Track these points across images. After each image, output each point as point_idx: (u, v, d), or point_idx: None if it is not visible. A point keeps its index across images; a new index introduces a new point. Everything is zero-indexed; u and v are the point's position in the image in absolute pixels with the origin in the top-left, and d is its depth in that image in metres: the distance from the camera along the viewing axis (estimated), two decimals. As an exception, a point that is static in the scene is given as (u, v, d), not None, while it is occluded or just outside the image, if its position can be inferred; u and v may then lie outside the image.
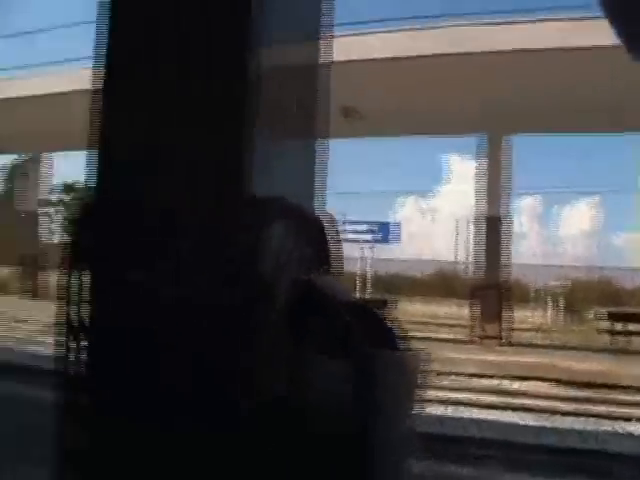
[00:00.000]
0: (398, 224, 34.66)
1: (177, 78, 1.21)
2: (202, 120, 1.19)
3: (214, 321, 1.15)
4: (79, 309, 1.30)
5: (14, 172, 26.36)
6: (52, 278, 23.71)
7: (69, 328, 1.33)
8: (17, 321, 15.17)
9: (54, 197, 40.57)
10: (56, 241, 35.57)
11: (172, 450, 1.20)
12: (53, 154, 24.29)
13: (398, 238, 33.43)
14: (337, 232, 1.28)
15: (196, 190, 1.18)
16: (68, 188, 44.31)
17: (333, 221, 1.29)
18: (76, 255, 1.35)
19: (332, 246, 1.27)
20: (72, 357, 1.33)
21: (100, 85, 1.28)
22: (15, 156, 25.18)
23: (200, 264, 1.17)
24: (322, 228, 1.26)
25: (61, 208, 43.06)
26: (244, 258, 1.14)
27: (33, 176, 23.71)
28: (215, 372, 1.17)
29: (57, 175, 36.25)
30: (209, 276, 1.15)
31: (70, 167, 58.11)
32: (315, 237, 1.25)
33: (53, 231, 37.54)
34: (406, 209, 50.53)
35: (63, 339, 1.34)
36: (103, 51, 1.28)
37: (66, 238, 1.41)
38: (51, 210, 38.03)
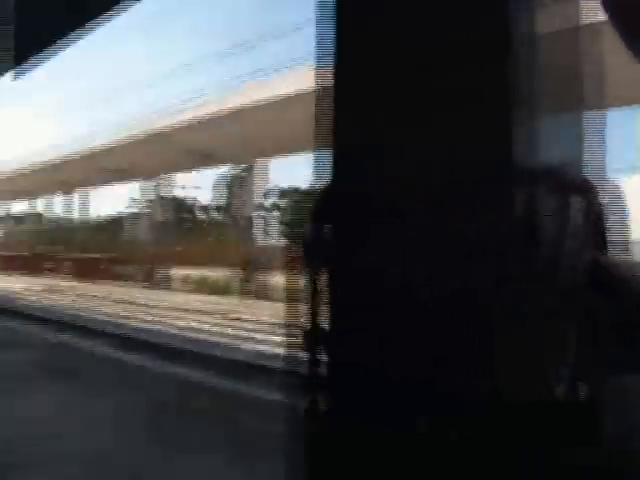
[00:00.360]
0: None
1: (417, 55, 1.15)
2: (455, 98, 1.11)
3: (475, 314, 1.06)
4: (313, 308, 1.27)
5: (232, 181, 28.10)
6: (271, 278, 24.98)
7: (302, 329, 1.32)
8: (240, 320, 16.11)
9: (269, 202, 42.83)
10: (272, 243, 37.45)
11: (412, 449, 1.15)
12: (266, 160, 25.65)
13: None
14: (623, 207, 1.13)
15: (454, 171, 1.10)
16: (282, 192, 46.57)
17: (619, 196, 1.14)
18: (307, 254, 1.33)
19: (615, 223, 1.12)
20: (306, 358, 1.32)
21: (327, 82, 1.25)
22: (231, 165, 26.83)
23: (460, 253, 1.08)
24: (600, 204, 1.11)
25: (277, 212, 45.32)
26: (515, 239, 1.04)
27: (249, 183, 25.15)
28: (472, 373, 1.09)
29: (271, 180, 38.18)
30: (471, 266, 1.06)
31: (282, 171, 61.15)
32: (596, 213, 1.11)
33: (269, 234, 39.57)
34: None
35: (295, 339, 1.32)
36: (326, 49, 1.26)
37: (293, 238, 1.40)
38: (267, 214, 40.14)
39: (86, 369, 5.91)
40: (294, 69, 18.58)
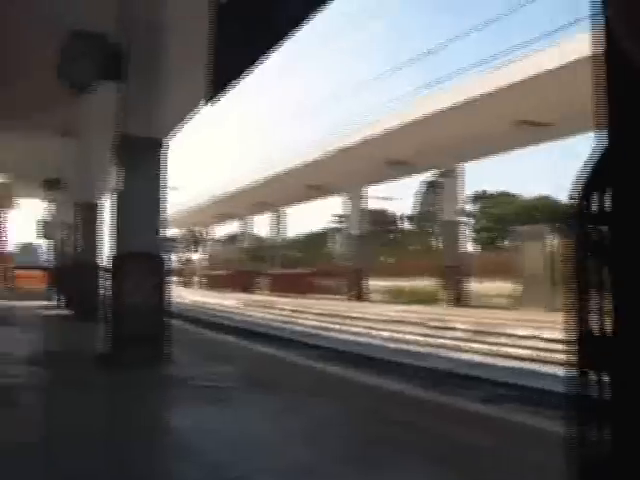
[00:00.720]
0: None
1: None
2: None
3: None
4: (601, 317, 1.06)
5: (429, 188, 27.86)
6: (473, 285, 24.39)
7: (580, 340, 1.11)
8: (442, 328, 15.85)
9: (470, 207, 42.09)
10: (473, 250, 36.68)
11: None
12: (466, 164, 25.18)
13: None
14: None
15: None
16: (480, 197, 45.65)
17: None
18: (583, 253, 1.13)
19: None
20: (584, 374, 1.11)
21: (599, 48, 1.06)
22: (428, 172, 26.64)
23: None
24: None
25: (478, 217, 44.48)
26: None
27: (447, 189, 24.76)
28: None
29: (472, 184, 37.23)
30: None
31: (481, 174, 60.26)
32: None
33: (471, 241, 38.81)
34: None
35: (572, 353, 1.12)
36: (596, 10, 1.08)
37: (564, 236, 1.20)
38: (468, 220, 39.42)
39: (292, 381, 5.99)
40: (493, 66, 17.97)
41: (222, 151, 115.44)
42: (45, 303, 19.53)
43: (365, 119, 24.31)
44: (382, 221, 50.30)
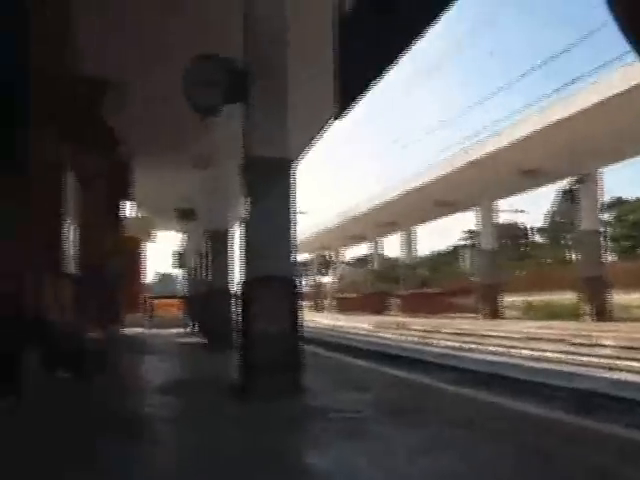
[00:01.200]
0: None
1: None
2: None
3: None
4: None
5: (564, 197, 26.59)
6: (616, 297, 22.92)
7: None
8: (591, 345, 14.89)
9: (607, 215, 40.08)
10: (611, 259, 34.68)
11: None
12: (605, 167, 23.90)
13: None
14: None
15: None
16: (615, 204, 43.41)
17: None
18: None
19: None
20: None
21: None
22: (561, 180, 25.47)
23: None
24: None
25: (613, 225, 42.30)
26: None
27: (584, 196, 23.52)
28: None
29: (607, 191, 35.32)
30: None
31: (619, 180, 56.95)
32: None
33: (610, 250, 36.83)
34: None
35: None
36: None
37: None
38: (607, 229, 37.46)
39: (428, 408, 5.63)
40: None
41: (351, 171, 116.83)
42: (181, 331, 20.17)
43: (495, 129, 23.57)
44: (513, 235, 48.87)
